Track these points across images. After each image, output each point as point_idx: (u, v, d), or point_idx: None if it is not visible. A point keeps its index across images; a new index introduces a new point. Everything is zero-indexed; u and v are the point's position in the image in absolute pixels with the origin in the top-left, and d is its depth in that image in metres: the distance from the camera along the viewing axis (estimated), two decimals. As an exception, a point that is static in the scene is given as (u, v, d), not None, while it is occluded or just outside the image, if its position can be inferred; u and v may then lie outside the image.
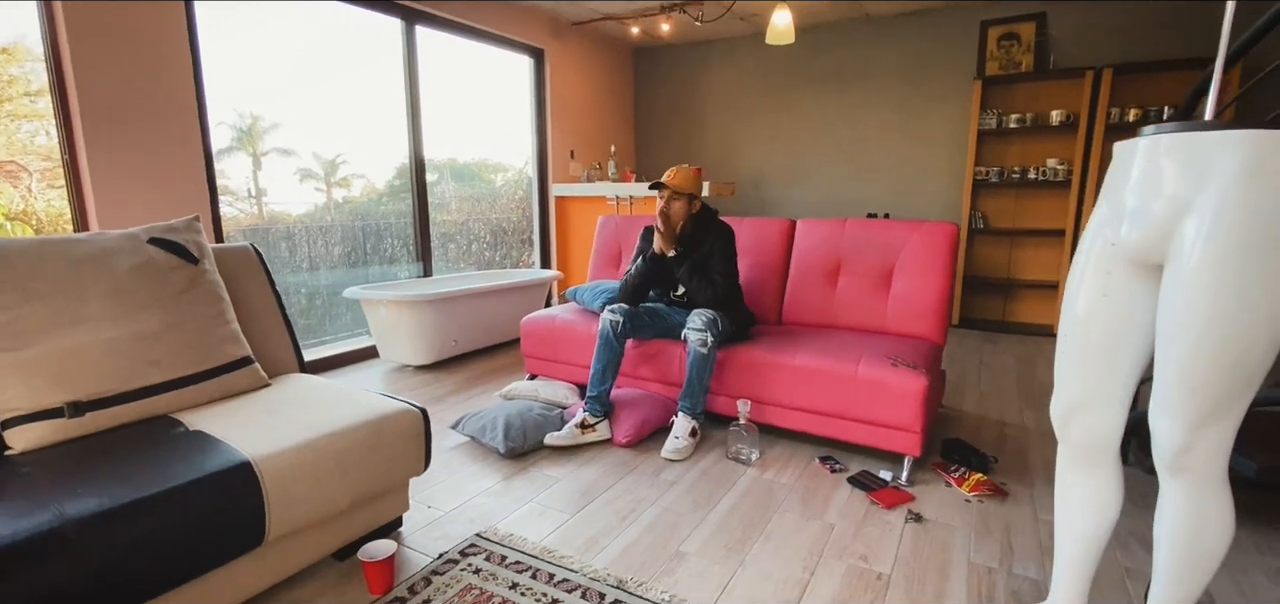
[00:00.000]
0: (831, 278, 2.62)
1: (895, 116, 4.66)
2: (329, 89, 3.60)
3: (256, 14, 3.11)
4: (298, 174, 4.14)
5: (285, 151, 3.92)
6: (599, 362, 2.32)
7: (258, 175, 3.77)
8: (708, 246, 2.39)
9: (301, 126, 3.64)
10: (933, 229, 2.44)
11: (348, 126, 3.90)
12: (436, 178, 7.21)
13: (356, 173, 5.27)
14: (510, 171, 7.45)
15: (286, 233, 4.56)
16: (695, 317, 2.28)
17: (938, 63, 4.47)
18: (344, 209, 5.32)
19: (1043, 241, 4.23)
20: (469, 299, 3.35)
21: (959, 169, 4.48)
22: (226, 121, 3.27)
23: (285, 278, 4.08)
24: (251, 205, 4.33)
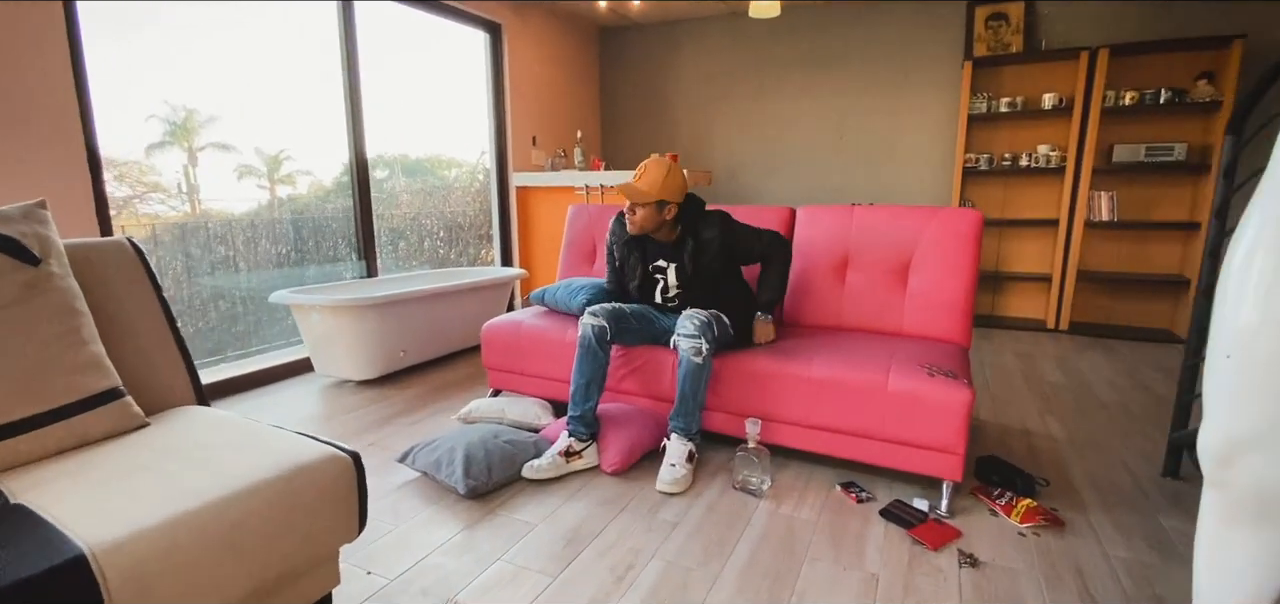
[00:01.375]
0: (839, 273, 2.31)
1: (879, 101, 4.42)
2: (271, 81, 3.21)
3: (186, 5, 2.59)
4: (237, 171, 3.73)
5: (224, 147, 3.60)
6: (582, 375, 1.94)
7: (193, 172, 3.48)
8: (703, 245, 2.04)
9: (242, 121, 3.33)
10: (954, 217, 2.16)
11: (292, 121, 3.52)
12: (386, 174, 6.66)
13: (302, 169, 4.78)
14: (465, 167, 6.96)
15: (222, 231, 4.01)
16: (686, 319, 1.93)
17: (923, 44, 4.25)
18: (288, 206, 4.81)
19: (1033, 232, 4.06)
20: (419, 303, 2.91)
21: (946, 155, 4.28)
22: (157, 115, 2.96)
23: (215, 281, 3.56)
24: (183, 203, 3.80)
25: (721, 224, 2.05)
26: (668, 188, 1.98)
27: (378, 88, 3.53)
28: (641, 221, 2.01)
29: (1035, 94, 3.89)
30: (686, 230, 2.06)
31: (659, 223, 2.02)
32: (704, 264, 2.04)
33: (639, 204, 2.00)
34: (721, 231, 2.04)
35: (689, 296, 2.10)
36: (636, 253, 2.15)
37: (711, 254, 2.03)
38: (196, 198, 3.74)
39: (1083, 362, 3.25)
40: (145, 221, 3.67)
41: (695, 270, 2.05)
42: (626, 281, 2.20)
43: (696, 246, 2.04)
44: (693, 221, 2.06)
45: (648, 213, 2.00)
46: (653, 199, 1.98)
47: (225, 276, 3.77)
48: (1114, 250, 3.87)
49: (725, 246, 2.03)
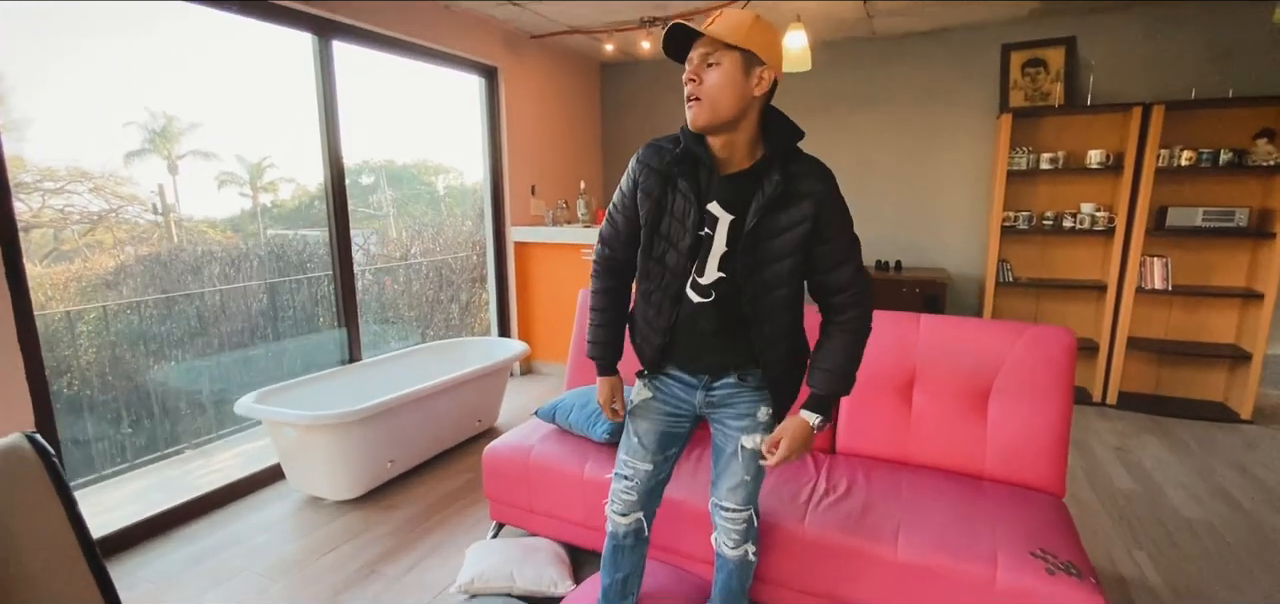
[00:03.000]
0: (903, 393, 1.98)
1: (905, 150, 4.12)
2: (254, 87, 2.99)
3: (168, 13, 2.28)
4: (219, 179, 3.52)
5: (205, 155, 3.44)
6: (617, 569, 1.53)
7: (174, 181, 3.29)
8: (789, 199, 1.20)
9: (224, 127, 3.16)
10: (1043, 338, 1.84)
11: (275, 127, 3.27)
12: (371, 180, 6.27)
13: (285, 176, 4.52)
14: (451, 173, 6.58)
15: (197, 261, 3.63)
16: (726, 489, 1.39)
17: (953, 90, 3.96)
18: (271, 214, 4.48)
19: (1076, 296, 3.77)
20: (410, 407, 2.54)
21: (979, 210, 3.98)
22: (136, 121, 2.86)
23: (184, 361, 3.19)
24: (158, 219, 3.47)
25: (826, 185, 1.20)
26: (758, 37, 1.14)
27: (361, 108, 3.17)
28: (713, 97, 1.14)
29: (1079, 149, 3.60)
30: (774, 157, 1.20)
31: (742, 106, 1.15)
32: (775, 247, 1.20)
33: (710, 56, 1.15)
34: (822, 199, 1.19)
35: (730, 308, 1.26)
36: (686, 188, 1.22)
37: (793, 231, 1.19)
38: (172, 218, 3.50)
39: (1145, 453, 2.95)
40: (123, 234, 3.31)
41: (756, 250, 1.20)
42: (651, 258, 1.30)
43: (780, 196, 1.18)
44: (785, 149, 1.21)
45: (725, 76, 1.13)
46: (734, 43, 1.12)
47: (191, 345, 3.39)
48: (1164, 316, 3.59)
49: (816, 231, 1.20)
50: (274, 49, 2.91)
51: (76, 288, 3.32)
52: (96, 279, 3.37)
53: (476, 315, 5.71)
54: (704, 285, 1.26)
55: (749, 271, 1.22)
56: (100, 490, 2.79)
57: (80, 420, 2.91)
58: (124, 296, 3.31)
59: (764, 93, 1.17)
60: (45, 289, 3.22)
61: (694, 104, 1.16)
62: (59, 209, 3.56)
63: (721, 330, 1.28)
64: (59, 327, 2.93)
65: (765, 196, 1.18)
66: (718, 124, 1.17)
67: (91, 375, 2.99)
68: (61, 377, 2.86)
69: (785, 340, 1.30)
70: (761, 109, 1.20)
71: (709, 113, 1.15)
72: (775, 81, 1.17)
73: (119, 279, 3.47)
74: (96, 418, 2.98)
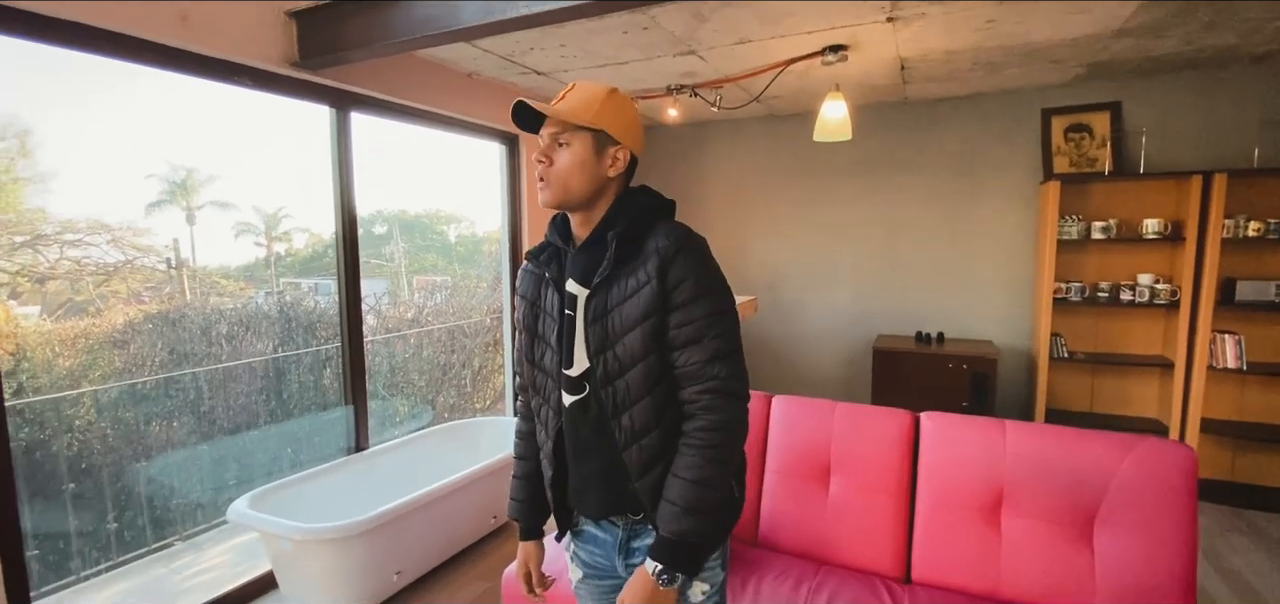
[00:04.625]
0: (989, 515, 1.72)
1: (941, 216, 3.93)
2: (272, 143, 3.05)
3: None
4: (235, 228, 3.52)
5: (223, 205, 3.51)
6: None
7: (192, 232, 3.34)
8: (637, 266, 1.03)
9: (243, 179, 3.22)
10: (1155, 454, 1.59)
11: (292, 178, 3.31)
12: (385, 230, 6.17)
13: (300, 226, 4.55)
14: (463, 222, 6.46)
15: (206, 322, 3.50)
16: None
17: (990, 155, 3.79)
18: (284, 263, 4.41)
19: (1136, 373, 3.50)
20: (419, 511, 2.29)
21: (1023, 280, 3.76)
22: (157, 174, 2.96)
23: (180, 445, 2.98)
24: (170, 271, 3.44)
25: (676, 241, 1.02)
26: (610, 115, 1.06)
27: (378, 155, 3.05)
28: (562, 179, 1.05)
29: (1132, 218, 3.39)
30: (617, 218, 1.07)
31: (594, 187, 1.06)
32: (623, 313, 1.02)
33: (560, 136, 1.06)
34: (669, 255, 1.00)
35: (600, 394, 1.05)
36: (553, 273, 1.12)
37: (638, 295, 1.01)
38: (185, 272, 3.45)
39: (1237, 557, 2.64)
40: (137, 284, 3.32)
41: (606, 319, 1.03)
42: (535, 365, 1.15)
43: (626, 254, 1.03)
44: (633, 214, 1.07)
45: (574, 158, 1.05)
46: (583, 124, 1.04)
47: (189, 423, 3.18)
48: (1237, 396, 3.31)
49: (662, 292, 1.00)
50: (293, 107, 2.88)
51: (83, 344, 3.19)
52: (103, 337, 3.24)
53: (489, 381, 5.49)
54: (574, 378, 1.09)
55: (600, 346, 1.05)
56: (77, 595, 2.54)
57: (55, 511, 2.67)
58: (129, 354, 3.19)
59: (620, 173, 1.10)
60: (51, 346, 3.10)
61: (541, 185, 1.09)
62: (75, 260, 3.49)
63: (598, 434, 1.07)
64: (43, 407, 2.74)
65: (610, 255, 1.04)
66: (569, 203, 1.09)
67: (78, 460, 2.78)
68: (37, 457, 2.65)
69: (656, 437, 1.03)
70: (619, 188, 1.12)
71: (559, 193, 1.08)
72: (634, 159, 1.11)
73: (127, 337, 3.34)
74: (80, 508, 2.75)
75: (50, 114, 2.64)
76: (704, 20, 2.47)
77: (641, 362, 1.02)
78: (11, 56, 1.74)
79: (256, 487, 2.27)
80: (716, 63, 3.03)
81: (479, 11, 1.93)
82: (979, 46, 2.85)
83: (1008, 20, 2.53)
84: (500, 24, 1.93)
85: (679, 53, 2.88)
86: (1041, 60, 3.11)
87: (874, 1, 2.30)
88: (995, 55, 2.99)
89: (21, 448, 2.64)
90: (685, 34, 2.64)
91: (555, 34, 2.62)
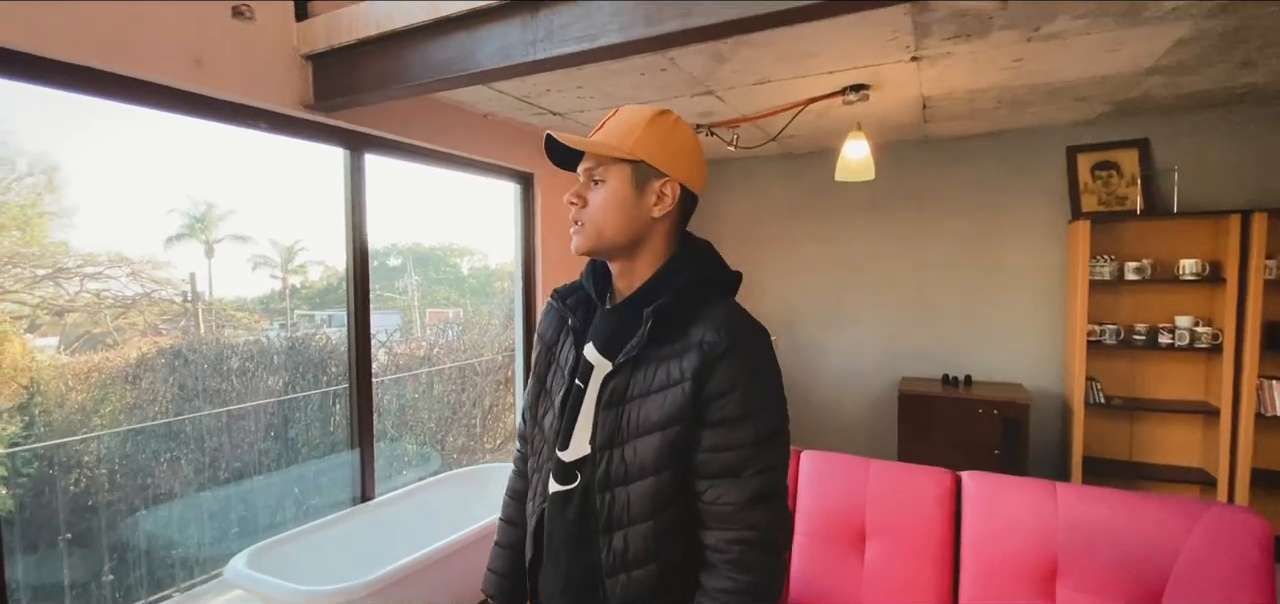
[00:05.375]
0: (1043, 589, 1.58)
1: (965, 254, 3.83)
2: (289, 177, 3.11)
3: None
4: (252, 261, 3.61)
5: (241, 238, 3.55)
6: None
7: (210, 265, 3.38)
8: (674, 355, 0.84)
9: (260, 212, 3.31)
10: (1225, 525, 1.45)
11: (308, 212, 3.41)
12: (398, 262, 6.17)
13: (315, 259, 4.63)
14: (475, 255, 6.45)
15: (218, 356, 3.49)
16: None
17: (1015, 193, 3.70)
18: (300, 296, 4.41)
19: (1176, 420, 3.33)
20: (426, 569, 2.18)
21: (1052, 322, 3.63)
22: (178, 208, 2.96)
23: (182, 492, 2.90)
24: (186, 303, 3.50)
25: (728, 338, 0.82)
26: (654, 141, 0.87)
27: (393, 190, 3.06)
28: (596, 220, 0.89)
29: (1167, 258, 3.27)
30: (662, 285, 0.89)
31: (635, 229, 0.89)
32: (644, 411, 0.84)
33: (594, 172, 0.90)
34: (714, 355, 0.81)
35: (593, 496, 0.87)
36: (575, 323, 0.97)
37: (667, 392, 0.83)
38: (200, 306, 3.33)
39: (1302, 624, 2.44)
40: (154, 316, 3.38)
41: (622, 409, 0.85)
42: (536, 422, 0.98)
43: (663, 333, 0.85)
44: (686, 282, 0.88)
45: (610, 196, 0.88)
46: (619, 156, 0.87)
47: (192, 467, 3.10)
48: None
49: (699, 400, 0.81)
50: (310, 144, 2.93)
51: (96, 379, 3.17)
52: (115, 372, 3.22)
53: (500, 420, 5.39)
54: (565, 464, 0.89)
55: (608, 442, 0.85)
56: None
57: (50, 563, 2.59)
58: (141, 389, 3.18)
59: (668, 211, 0.89)
60: (65, 379, 3.08)
61: (574, 228, 0.93)
62: (95, 293, 3.51)
63: (580, 540, 0.87)
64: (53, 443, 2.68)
65: (642, 333, 0.85)
66: (604, 250, 0.91)
67: (83, 498, 2.71)
68: (44, 495, 2.58)
69: (652, 572, 0.82)
70: (671, 231, 0.92)
71: (592, 238, 0.90)
72: (688, 195, 0.92)
73: (139, 372, 3.31)
74: (75, 558, 2.66)
75: (77, 150, 2.70)
76: (724, 61, 2.43)
77: (653, 476, 0.82)
78: (44, 94, 1.74)
79: (259, 536, 2.17)
80: (734, 103, 2.98)
81: (497, 54, 1.89)
82: (1004, 85, 2.78)
83: (1036, 59, 2.46)
84: (520, 67, 1.89)
85: (696, 93, 2.84)
86: (1067, 98, 3.04)
87: (898, 41, 2.25)
88: (1020, 93, 2.92)
89: (30, 483, 2.59)
90: (704, 75, 2.59)
91: (572, 75, 2.59)
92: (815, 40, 2.22)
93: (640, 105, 0.92)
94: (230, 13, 2.05)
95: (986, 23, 2.08)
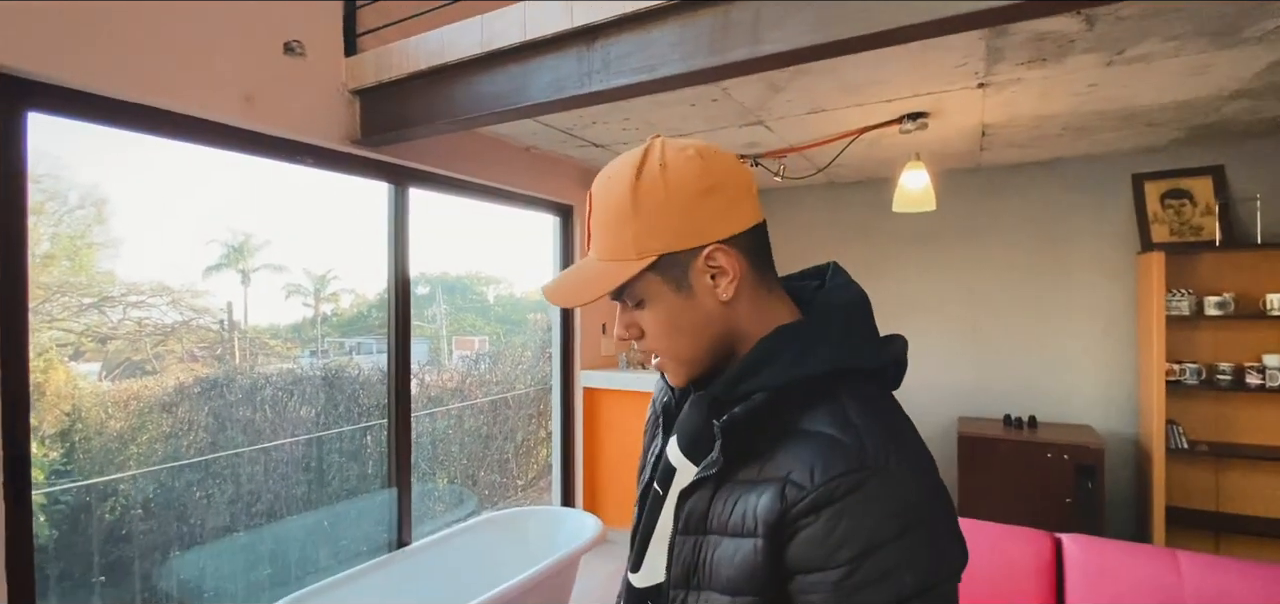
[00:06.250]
0: (1168, 675, 1.39)
1: (1024, 288, 3.63)
2: (324, 206, 3.17)
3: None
4: (285, 289, 3.77)
5: (276, 267, 3.69)
6: None
7: (245, 293, 3.53)
8: (753, 482, 0.61)
9: (294, 242, 3.42)
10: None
11: (341, 241, 3.50)
12: (427, 290, 6.19)
13: (347, 287, 4.77)
14: (501, 284, 6.44)
15: (252, 386, 3.53)
16: None
17: (1076, 223, 3.51)
18: (331, 323, 4.47)
19: (1268, 467, 3.07)
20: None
21: (1120, 358, 3.40)
22: (218, 239, 3.16)
23: (218, 533, 2.85)
24: (222, 331, 3.61)
25: (824, 466, 0.56)
26: (653, 215, 0.62)
27: (427, 222, 3.08)
28: (669, 352, 0.68)
29: (1251, 292, 3.04)
30: (745, 375, 0.63)
31: (712, 333, 0.66)
32: (720, 554, 0.61)
33: (626, 293, 0.67)
34: (803, 490, 0.56)
35: None
36: (660, 416, 0.78)
37: (742, 540, 0.60)
38: (236, 334, 3.54)
39: None
40: (191, 342, 3.37)
41: (699, 544, 0.63)
42: None
43: (742, 454, 0.61)
44: (762, 371, 0.62)
45: (655, 319, 0.66)
46: (636, 256, 0.63)
47: (229, 497, 3.05)
48: (1397, 499, 2.85)
49: (774, 554, 0.58)
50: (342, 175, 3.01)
51: (134, 407, 3.20)
52: (153, 400, 3.25)
53: (533, 453, 5.29)
54: (637, 589, 0.69)
55: (683, 580, 0.64)
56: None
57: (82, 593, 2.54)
58: (177, 418, 3.22)
59: (736, 282, 0.63)
60: (105, 407, 3.11)
61: (656, 363, 0.69)
62: (137, 321, 3.62)
63: None
64: (92, 468, 2.66)
65: (716, 451, 0.61)
66: (704, 370, 0.67)
67: (118, 527, 2.68)
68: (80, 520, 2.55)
69: None
70: (758, 297, 0.66)
71: (684, 368, 0.68)
72: (749, 237, 0.64)
73: (176, 401, 3.33)
74: (106, 594, 2.62)
75: (123, 183, 2.78)
76: (778, 90, 2.33)
77: None
78: (95, 130, 1.76)
79: (291, 576, 2.08)
80: (784, 132, 2.88)
81: (550, 87, 1.82)
82: (1073, 111, 2.64)
83: (1112, 84, 2.32)
84: (573, 100, 1.82)
85: (745, 123, 2.75)
86: (1137, 124, 2.87)
87: (968, 67, 2.13)
88: (1089, 120, 2.77)
89: (65, 513, 2.57)
90: (756, 105, 2.50)
91: (619, 106, 2.52)
92: (879, 67, 2.12)
93: (612, 166, 0.66)
94: (282, 50, 2.03)
95: (1067, 46, 1.95)
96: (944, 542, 0.57)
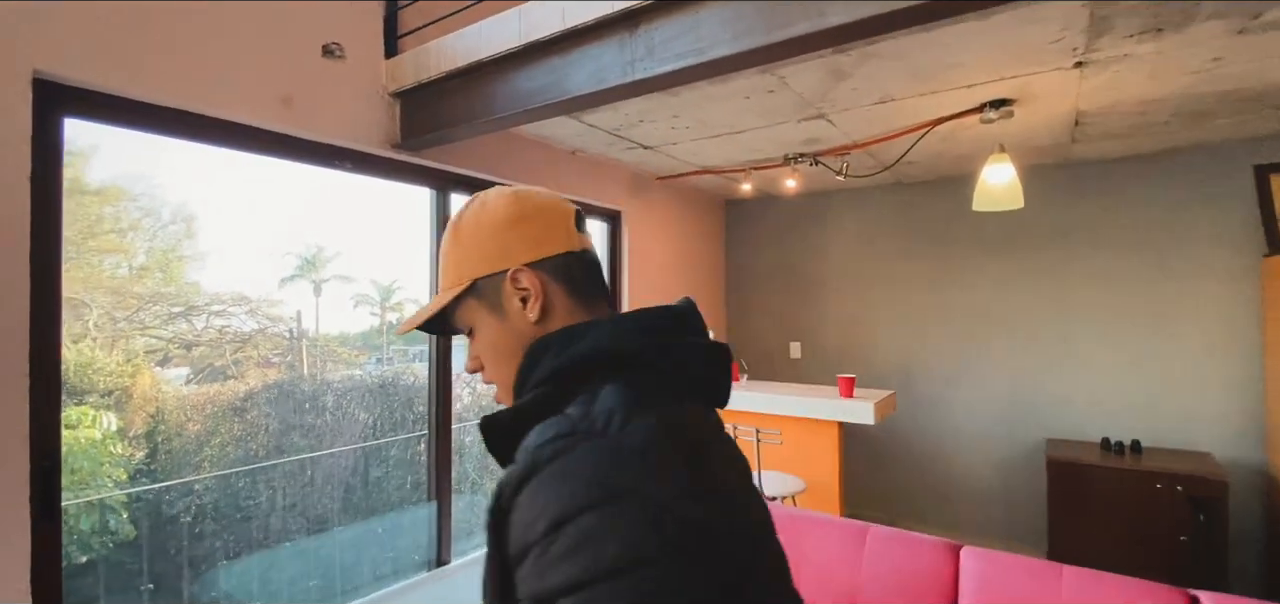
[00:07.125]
0: None
1: (1124, 296, 3.24)
2: (389, 217, 3.22)
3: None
4: (354, 300, 3.90)
5: (346, 278, 3.80)
6: None
7: (317, 303, 3.64)
8: (488, 512, 0.57)
9: (362, 252, 3.54)
10: None
11: (404, 251, 3.49)
12: None
13: (410, 297, 5.02)
14: None
15: (315, 392, 3.68)
16: None
17: (1186, 223, 3.11)
18: (393, 334, 4.64)
19: None
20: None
21: (1245, 377, 2.97)
22: (293, 251, 3.24)
23: (269, 541, 2.87)
24: (293, 340, 3.81)
25: (523, 466, 0.53)
26: (473, 245, 0.69)
27: None
28: (492, 374, 0.70)
29: None
30: (524, 377, 0.65)
31: (519, 360, 0.66)
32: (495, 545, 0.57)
33: (460, 324, 0.73)
34: (505, 492, 0.54)
35: None
36: None
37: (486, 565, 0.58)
38: (304, 343, 3.63)
39: None
40: (266, 349, 3.51)
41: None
42: None
43: (495, 427, 0.63)
44: (529, 372, 0.64)
45: (482, 341, 0.70)
46: (458, 289, 0.69)
47: (290, 500, 3.07)
48: None
49: (503, 575, 0.54)
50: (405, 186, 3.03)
51: (210, 410, 3.33)
52: (227, 404, 3.36)
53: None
54: None
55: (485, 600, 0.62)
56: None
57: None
58: (247, 422, 3.35)
59: (539, 304, 0.65)
60: (185, 410, 3.24)
61: (497, 395, 0.71)
62: (218, 329, 3.83)
63: None
64: (171, 469, 2.74)
65: None
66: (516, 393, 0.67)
67: (193, 527, 2.74)
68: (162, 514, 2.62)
69: None
70: (559, 330, 0.65)
71: (508, 395, 0.68)
72: (556, 262, 0.67)
73: (247, 405, 3.45)
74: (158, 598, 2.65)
75: (210, 198, 2.96)
76: (843, 78, 2.12)
77: None
78: (185, 147, 1.83)
79: (337, 588, 2.01)
80: (847, 127, 2.66)
81: (591, 78, 1.69)
82: (1187, 92, 2.30)
83: (1240, 58, 1.99)
84: (615, 91, 1.68)
85: (804, 118, 2.54)
86: (1263, 107, 2.49)
87: (1064, 43, 1.86)
88: (1206, 102, 2.41)
89: (147, 511, 2.65)
90: (817, 95, 2.30)
91: (667, 103, 2.37)
92: (959, 48, 1.88)
93: (456, 210, 0.73)
94: (320, 52, 1.98)
95: (1190, 12, 1.66)
96: (674, 535, 0.48)
